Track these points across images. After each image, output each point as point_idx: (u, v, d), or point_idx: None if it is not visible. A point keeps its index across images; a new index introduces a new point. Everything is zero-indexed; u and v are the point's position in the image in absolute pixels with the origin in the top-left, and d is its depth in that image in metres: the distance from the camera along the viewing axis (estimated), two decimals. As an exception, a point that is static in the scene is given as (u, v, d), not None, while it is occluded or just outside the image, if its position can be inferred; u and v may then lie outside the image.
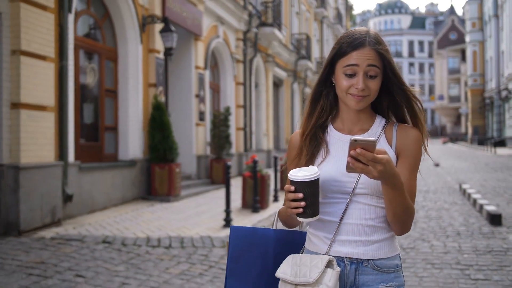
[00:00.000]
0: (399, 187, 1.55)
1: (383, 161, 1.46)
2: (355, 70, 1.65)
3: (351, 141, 1.45)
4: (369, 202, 1.68)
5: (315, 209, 1.60)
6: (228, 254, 1.84)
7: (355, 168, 1.48)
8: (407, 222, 1.65)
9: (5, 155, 6.53)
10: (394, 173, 1.51)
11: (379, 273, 1.68)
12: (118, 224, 7.60)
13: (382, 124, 1.76)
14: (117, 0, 9.39)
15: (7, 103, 6.56)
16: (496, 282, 4.93)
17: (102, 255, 5.87)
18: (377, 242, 1.69)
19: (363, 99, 1.68)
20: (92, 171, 8.35)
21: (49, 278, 4.95)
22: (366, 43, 1.66)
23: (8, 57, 6.57)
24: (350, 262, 1.68)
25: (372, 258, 1.68)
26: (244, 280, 1.82)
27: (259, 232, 1.85)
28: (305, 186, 1.57)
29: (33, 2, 6.82)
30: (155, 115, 9.89)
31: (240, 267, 1.83)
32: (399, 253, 1.75)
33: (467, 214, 8.81)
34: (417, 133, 1.73)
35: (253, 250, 1.83)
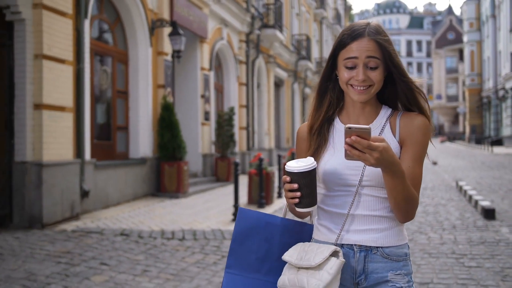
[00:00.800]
0: (399, 175, 1.56)
1: (379, 148, 1.46)
2: (355, 63, 1.67)
3: (346, 128, 1.47)
4: (375, 193, 1.70)
5: (312, 200, 1.63)
6: (233, 235, 1.86)
7: (352, 155, 1.49)
8: (410, 211, 1.66)
9: (29, 153, 6.96)
10: (393, 160, 1.51)
11: (388, 261, 1.70)
12: (133, 218, 8.03)
13: (387, 114, 1.77)
14: (128, 5, 9.81)
15: (30, 104, 6.98)
16: (488, 269, 5.36)
17: (121, 246, 6.30)
18: (386, 230, 1.71)
19: (365, 91, 1.68)
20: (106, 168, 8.77)
21: (76, 265, 5.38)
22: (365, 33, 1.66)
23: (31, 61, 6.99)
24: (360, 250, 1.70)
25: (381, 245, 1.70)
26: (244, 261, 1.83)
27: (266, 218, 1.85)
28: (301, 177, 1.59)
29: (53, 9, 7.24)
30: (164, 115, 10.33)
31: (242, 248, 1.84)
32: (407, 242, 1.76)
33: (463, 209, 9.25)
34: (422, 120, 1.72)
35: (258, 234, 1.83)
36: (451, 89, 68.41)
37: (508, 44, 36.50)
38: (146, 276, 5.17)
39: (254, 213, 1.86)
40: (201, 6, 12.73)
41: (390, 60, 1.68)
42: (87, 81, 8.18)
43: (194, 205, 9.66)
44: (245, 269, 1.83)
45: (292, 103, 24.58)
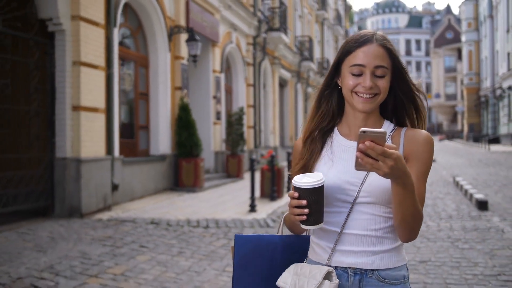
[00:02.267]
0: (410, 188, 1.46)
1: (394, 156, 1.36)
2: (361, 70, 1.59)
3: (360, 133, 1.36)
4: (373, 211, 1.60)
5: (319, 217, 1.55)
6: (234, 263, 1.79)
7: (365, 164, 1.39)
8: (415, 228, 1.56)
9: (68, 150, 7.74)
10: (405, 171, 1.42)
11: (385, 284, 1.60)
12: (158, 209, 8.82)
13: (390, 129, 1.68)
14: (149, 13, 10.59)
15: (69, 106, 7.76)
16: (479, 250, 6.16)
17: (154, 232, 7.09)
18: (382, 253, 1.61)
19: (371, 99, 1.60)
20: (132, 164, 9.57)
21: (120, 248, 6.17)
22: (373, 39, 1.60)
23: (70, 67, 7.77)
24: (354, 273, 1.61)
25: (377, 268, 1.60)
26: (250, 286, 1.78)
27: (265, 239, 1.80)
28: (309, 193, 1.51)
29: (88, 20, 8.02)
30: (182, 115, 11.12)
31: (246, 275, 1.78)
32: (406, 264, 1.67)
33: (459, 202, 10.06)
34: (426, 136, 1.64)
35: (260, 257, 1.78)
36: (450, 88, 69.17)
37: (505, 44, 37.28)
38: (182, 256, 5.96)
39: (252, 236, 1.81)
40: (213, 12, 13.51)
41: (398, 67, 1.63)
42: (115, 85, 8.96)
43: (211, 198, 10.46)
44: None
45: (295, 103, 25.39)
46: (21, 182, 7.20)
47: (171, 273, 5.26)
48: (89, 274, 5.06)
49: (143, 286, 4.81)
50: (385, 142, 1.37)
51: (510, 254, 5.88)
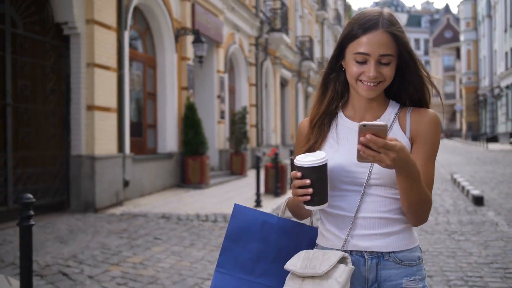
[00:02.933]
0: (415, 176, 1.45)
1: (396, 148, 1.36)
2: (366, 58, 1.54)
3: (360, 126, 1.36)
4: (383, 193, 1.58)
5: (323, 197, 1.51)
6: (226, 232, 1.76)
7: (366, 156, 1.38)
8: (424, 213, 1.54)
9: (83, 147, 8.12)
10: (409, 160, 1.40)
11: (402, 266, 1.58)
12: (167, 205, 9.19)
13: (396, 110, 1.65)
14: (157, 16, 10.96)
15: (84, 106, 8.13)
16: (473, 241, 6.54)
17: (166, 226, 7.47)
18: (396, 234, 1.58)
19: (375, 87, 1.56)
20: (141, 162, 9.94)
21: (136, 239, 6.54)
22: (379, 25, 1.52)
23: (84, 69, 8.14)
24: (371, 257, 1.59)
25: (393, 250, 1.58)
26: (237, 261, 1.74)
27: (263, 217, 1.75)
28: (312, 172, 1.48)
29: (102, 23, 8.39)
30: (188, 114, 11.50)
31: (235, 247, 1.74)
32: (418, 244, 1.66)
33: (456, 198, 10.44)
34: (433, 116, 1.62)
35: (253, 233, 1.73)
36: (449, 87, 69.55)
37: (503, 44, 37.68)
38: (194, 248, 6.33)
39: (251, 210, 1.76)
40: (217, 14, 13.88)
41: (406, 53, 1.58)
42: (126, 85, 9.33)
43: (217, 194, 10.83)
44: (237, 269, 1.74)
45: (296, 102, 25.76)
46: (39, 178, 7.57)
47: (186, 262, 5.63)
48: (110, 263, 5.44)
49: (161, 273, 5.19)
50: (387, 134, 1.36)
51: (503, 245, 6.27)
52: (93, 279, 4.91)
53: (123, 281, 4.90)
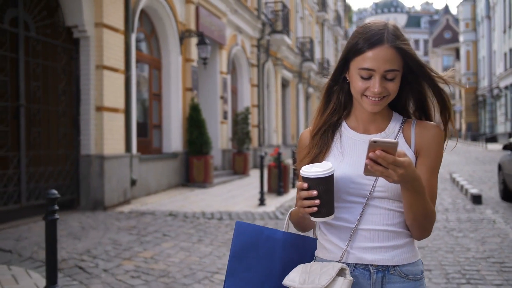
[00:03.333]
0: (420, 191, 1.46)
1: (405, 164, 1.37)
2: (371, 74, 1.54)
3: (371, 142, 1.36)
4: (389, 206, 1.58)
5: (330, 208, 1.50)
6: (230, 253, 1.73)
7: (374, 171, 1.39)
8: (428, 227, 1.56)
9: (92, 147, 8.35)
10: (415, 176, 1.42)
11: (406, 280, 1.58)
12: (173, 203, 9.42)
13: (400, 122, 1.66)
14: (162, 18, 11.20)
15: (93, 107, 8.37)
16: (471, 237, 6.78)
17: (173, 223, 7.70)
18: (401, 247, 1.59)
19: (379, 101, 1.56)
20: (147, 161, 10.18)
21: (145, 236, 6.78)
22: (384, 40, 1.52)
23: (93, 71, 8.37)
24: (376, 270, 1.57)
25: (398, 264, 1.57)
26: (245, 281, 1.72)
27: (266, 233, 1.73)
28: (319, 183, 1.47)
29: (110, 27, 8.62)
30: (193, 114, 11.74)
31: (241, 267, 1.72)
32: (420, 258, 1.66)
33: (455, 197, 10.68)
34: (437, 130, 1.63)
35: (258, 250, 1.72)
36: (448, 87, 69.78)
37: (502, 45, 37.94)
38: (202, 243, 6.57)
39: (253, 226, 1.75)
40: (220, 16, 14.12)
41: (414, 65, 1.57)
42: (133, 86, 9.57)
43: (221, 193, 11.07)
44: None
45: (296, 102, 26.00)
46: (50, 177, 7.80)
47: (194, 257, 5.87)
48: (122, 257, 5.67)
49: (172, 267, 5.42)
50: (396, 151, 1.36)
51: (500, 241, 6.51)
52: (108, 272, 5.15)
53: (136, 274, 5.14)
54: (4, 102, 6.91)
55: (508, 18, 35.65)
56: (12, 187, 6.96)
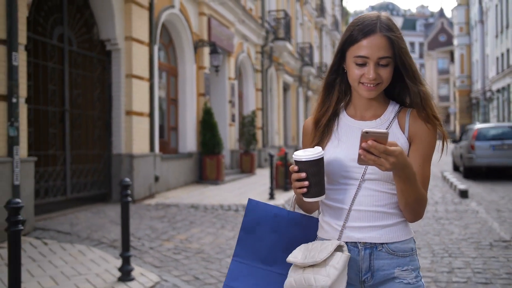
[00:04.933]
0: (411, 178, 1.54)
1: (396, 153, 1.45)
2: (365, 61, 1.63)
3: (363, 133, 1.44)
4: (379, 188, 1.67)
5: (320, 189, 1.60)
6: (242, 224, 1.88)
7: (367, 160, 1.47)
8: (419, 210, 1.64)
9: (122, 147, 9.42)
10: (406, 163, 1.49)
11: (394, 257, 1.67)
12: (192, 197, 10.50)
13: (395, 110, 1.73)
14: (179, 30, 12.29)
15: (123, 111, 9.44)
16: (456, 224, 7.89)
17: (196, 214, 8.78)
18: (390, 226, 1.68)
19: (375, 88, 1.65)
20: (167, 160, 11.25)
21: (175, 223, 7.86)
22: (377, 29, 1.61)
23: (123, 79, 9.44)
24: (364, 247, 1.67)
25: (386, 241, 1.67)
26: (252, 251, 1.86)
27: (274, 211, 1.87)
28: (309, 166, 1.57)
29: (138, 40, 9.70)
30: (206, 117, 12.82)
31: (250, 238, 1.86)
32: (413, 236, 1.73)
33: (445, 192, 11.80)
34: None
35: (266, 224, 1.85)
36: (443, 89, 70.82)
37: (494, 49, 39.09)
38: (225, 229, 7.66)
39: (263, 205, 1.88)
40: (229, 26, 15.22)
41: (400, 59, 1.65)
42: (156, 93, 10.65)
43: (232, 189, 12.15)
44: (252, 258, 1.86)
45: (297, 105, 27.14)
46: (88, 173, 8.87)
47: (221, 239, 6.95)
48: (162, 239, 6.76)
49: (204, 246, 6.51)
50: (387, 141, 1.44)
51: (480, 227, 7.62)
52: (154, 249, 6.23)
53: (176, 251, 6.22)
54: (53, 108, 7.98)
55: (500, 24, 36.84)
56: (59, 181, 8.03)
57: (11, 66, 6.28)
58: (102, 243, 6.36)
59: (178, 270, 5.46)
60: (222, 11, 14.46)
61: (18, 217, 3.37)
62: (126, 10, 9.43)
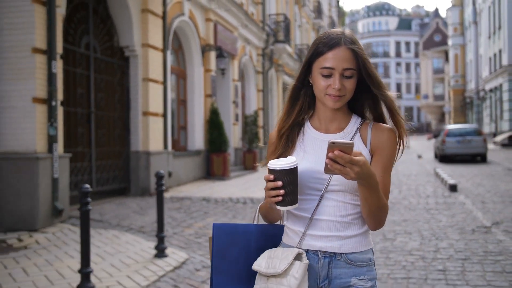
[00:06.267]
0: (374, 186, 1.62)
1: (360, 163, 1.51)
2: (331, 72, 1.69)
3: (329, 143, 1.50)
4: (342, 199, 1.73)
5: (294, 198, 1.64)
6: (212, 252, 1.87)
7: (333, 169, 1.52)
8: (381, 218, 1.72)
9: (140, 145, 10.27)
10: (370, 173, 1.57)
11: (352, 266, 1.74)
12: (202, 191, 11.36)
13: (358, 123, 1.81)
14: (188, 36, 13.15)
15: (140, 112, 10.29)
16: (444, 214, 8.77)
17: (208, 205, 9.64)
18: (351, 237, 1.74)
19: (340, 99, 1.71)
20: (178, 157, 12.11)
21: (191, 213, 8.71)
22: (342, 42, 1.70)
23: (140, 83, 10.30)
24: (324, 256, 1.74)
25: (345, 251, 1.73)
26: (229, 275, 1.87)
27: (241, 228, 1.89)
28: (284, 175, 1.60)
29: (153, 46, 10.55)
30: (212, 117, 13.69)
31: (224, 263, 1.87)
32: (372, 248, 1.80)
33: (436, 187, 12.69)
34: (391, 132, 1.78)
35: (236, 245, 1.86)
36: (438, 88, 71.59)
37: (487, 49, 40.05)
38: (237, 219, 8.52)
39: (228, 225, 1.91)
40: (233, 30, 16.08)
41: (364, 69, 1.72)
42: (169, 95, 11.51)
43: (238, 184, 13.02)
44: (230, 283, 1.87)
45: (295, 105, 28.00)
46: (109, 169, 9.72)
47: (235, 227, 7.81)
48: (182, 226, 7.62)
49: (221, 232, 7.35)
50: (352, 151, 1.50)
51: (465, 216, 8.51)
52: (177, 234, 7.09)
53: (197, 235, 7.08)
54: (81, 109, 8.83)
55: (492, 25, 37.79)
56: (86, 176, 8.88)
57: (51, 74, 7.13)
58: (131, 229, 7.22)
59: (201, 250, 6.32)
60: (227, 16, 15.32)
61: (87, 199, 4.21)
62: (143, 19, 10.28)
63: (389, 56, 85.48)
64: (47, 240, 6.39)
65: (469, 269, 5.39)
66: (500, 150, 27.56)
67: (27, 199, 6.79)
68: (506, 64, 32.36)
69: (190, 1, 12.76)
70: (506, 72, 32.27)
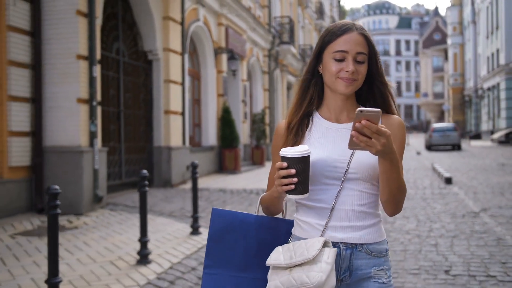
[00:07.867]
0: (397, 163, 1.58)
1: (387, 134, 1.48)
2: (344, 56, 1.68)
3: (357, 112, 1.45)
4: (360, 188, 1.72)
5: (306, 187, 1.61)
6: (208, 235, 1.87)
7: (359, 142, 1.48)
8: (401, 200, 1.70)
9: (162, 141, 11.26)
10: (393, 148, 1.54)
11: (372, 257, 1.74)
12: (217, 183, 12.34)
13: None
14: (202, 40, 14.12)
15: (162, 111, 11.27)
16: (439, 202, 9.75)
17: (225, 196, 10.62)
18: (369, 227, 1.75)
19: (352, 83, 1.69)
20: (195, 152, 13.10)
21: (211, 202, 9.70)
22: (354, 28, 1.71)
23: (162, 84, 11.28)
24: (346, 247, 1.72)
25: (365, 242, 1.73)
26: (222, 259, 1.85)
27: (240, 216, 1.88)
28: (297, 162, 1.58)
29: (173, 50, 11.53)
30: (224, 115, 14.68)
31: (219, 247, 1.85)
32: (386, 238, 1.81)
33: (433, 180, 13.67)
34: (400, 121, 1.77)
35: (233, 232, 1.85)
36: (437, 87, 72.33)
37: (486, 49, 40.98)
38: (252, 207, 9.48)
39: (228, 212, 1.89)
40: (242, 33, 17.06)
41: (374, 56, 1.74)
42: (186, 94, 12.49)
43: (249, 178, 14.01)
44: (224, 267, 1.85)
45: (298, 103, 29.00)
46: (136, 162, 10.71)
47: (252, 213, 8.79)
48: (206, 212, 8.60)
49: (241, 217, 8.34)
50: (379, 121, 1.46)
51: (457, 204, 9.50)
52: (204, 218, 8.06)
53: (221, 220, 8.05)
54: (113, 108, 9.82)
55: (490, 25, 38.71)
56: (117, 168, 9.87)
57: (92, 77, 8.11)
58: (163, 213, 8.21)
59: (227, 231, 7.30)
60: (237, 20, 16.30)
61: (145, 182, 5.19)
62: (164, 25, 11.26)
63: (389, 55, 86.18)
64: (93, 221, 7.38)
65: (457, 243, 6.38)
66: (497, 147, 28.63)
67: (72, 187, 7.77)
68: (503, 63, 33.33)
69: (205, 7, 13.74)
70: (504, 71, 33.23)
